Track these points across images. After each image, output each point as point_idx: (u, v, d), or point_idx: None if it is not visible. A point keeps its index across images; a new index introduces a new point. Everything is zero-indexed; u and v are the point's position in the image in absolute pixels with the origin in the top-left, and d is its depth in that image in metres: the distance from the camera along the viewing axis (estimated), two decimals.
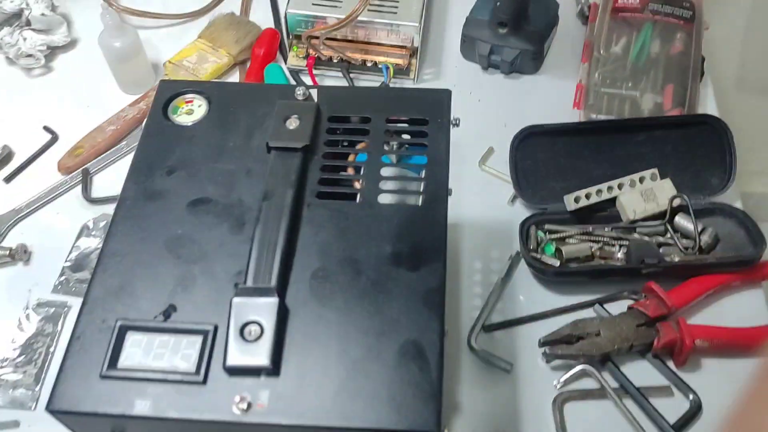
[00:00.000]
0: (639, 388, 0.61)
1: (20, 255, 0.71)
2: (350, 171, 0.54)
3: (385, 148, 0.55)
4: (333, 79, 0.84)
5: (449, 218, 0.65)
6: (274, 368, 0.43)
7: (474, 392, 0.62)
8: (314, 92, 0.58)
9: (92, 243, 0.72)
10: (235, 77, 0.85)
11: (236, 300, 0.46)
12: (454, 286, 0.69)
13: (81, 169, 0.77)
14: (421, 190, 0.52)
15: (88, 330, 0.46)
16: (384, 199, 0.52)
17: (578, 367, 0.62)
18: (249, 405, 0.42)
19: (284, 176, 0.52)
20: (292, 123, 0.55)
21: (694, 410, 0.60)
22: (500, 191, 0.75)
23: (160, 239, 0.50)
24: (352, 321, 0.46)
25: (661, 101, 0.76)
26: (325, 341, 0.45)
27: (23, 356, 0.65)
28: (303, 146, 0.53)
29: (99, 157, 0.78)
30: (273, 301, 0.45)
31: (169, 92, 0.59)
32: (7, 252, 0.70)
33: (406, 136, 0.56)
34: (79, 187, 0.76)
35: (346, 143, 0.56)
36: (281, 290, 0.47)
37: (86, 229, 0.73)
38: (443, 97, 0.58)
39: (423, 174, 0.53)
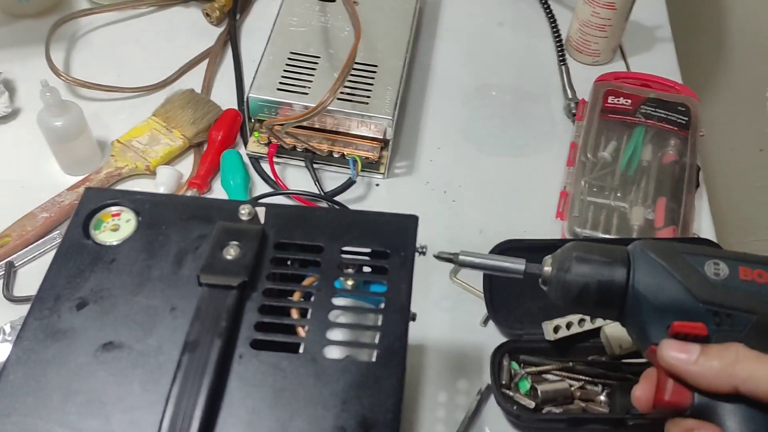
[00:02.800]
0: None
1: None
2: (294, 314, 0.46)
3: (337, 287, 0.47)
4: (296, 168, 0.77)
5: (412, 339, 0.57)
6: None
7: None
8: (261, 211, 0.51)
9: (7, 350, 0.63)
10: (188, 162, 0.78)
11: None
12: (412, 422, 0.61)
13: (5, 261, 0.69)
14: (376, 343, 0.45)
15: None
16: (331, 353, 0.45)
17: None
18: None
19: (213, 321, 0.44)
20: (231, 251, 0.47)
21: None
22: (471, 309, 0.67)
23: (57, 396, 0.42)
24: None
25: (652, 217, 0.69)
26: None
27: None
28: (239, 283, 0.46)
29: (27, 248, 0.70)
30: None
31: (94, 203, 0.51)
32: None
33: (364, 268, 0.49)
34: (0, 283, 0.68)
35: (292, 278, 0.49)
36: None
37: (2, 334, 0.64)
38: (408, 224, 0.50)
39: (379, 319, 0.46)
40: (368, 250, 0.49)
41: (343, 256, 0.49)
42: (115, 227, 0.50)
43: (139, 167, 0.75)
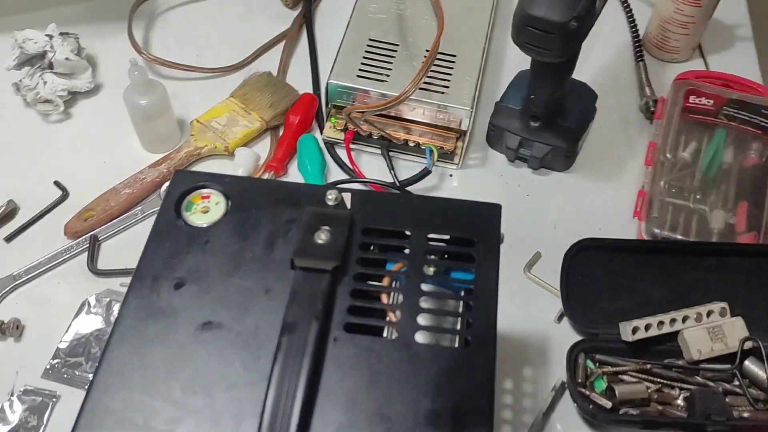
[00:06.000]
0: None
1: (12, 331, 0.64)
2: (384, 299, 0.47)
3: (425, 273, 0.48)
4: (370, 155, 0.78)
5: None
6: None
7: None
8: (347, 197, 0.51)
9: (92, 323, 0.66)
10: (265, 144, 0.79)
11: None
12: None
13: (89, 235, 0.71)
14: (467, 329, 0.45)
15: None
16: (422, 338, 0.45)
17: None
18: None
19: (309, 303, 0.45)
20: (322, 236, 0.48)
21: None
22: (546, 304, 0.67)
23: (161, 372, 0.43)
24: None
25: (733, 222, 0.68)
26: None
27: None
28: (332, 267, 0.46)
29: (110, 223, 0.72)
30: None
31: (184, 185, 0.52)
32: None
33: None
34: (84, 255, 0.70)
35: (380, 263, 0.49)
36: None
37: (87, 306, 0.66)
38: (493, 213, 0.51)
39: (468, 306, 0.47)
40: (452, 237, 0.49)
41: (429, 242, 0.49)
42: (206, 209, 0.51)
43: (218, 148, 0.76)
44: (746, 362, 0.60)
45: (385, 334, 0.46)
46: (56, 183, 0.75)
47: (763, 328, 0.62)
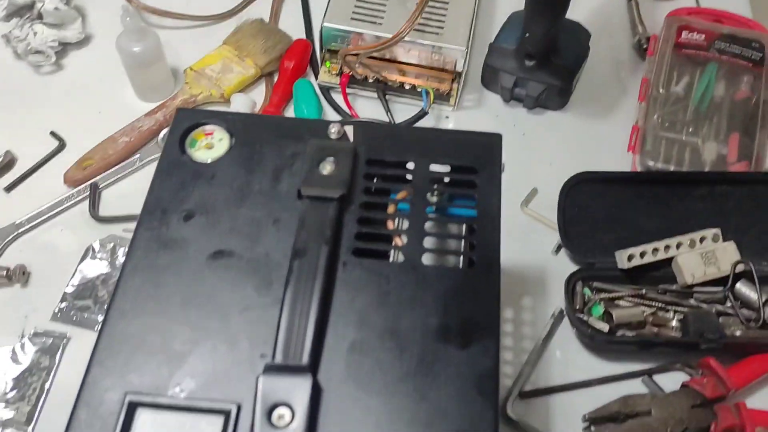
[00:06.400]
0: None
1: (18, 276, 0.65)
2: (389, 225, 0.48)
3: (429, 199, 0.49)
4: (366, 99, 0.78)
5: None
6: None
7: None
8: (349, 130, 0.52)
9: (97, 267, 0.66)
10: (260, 90, 0.79)
11: (263, 378, 0.40)
12: None
13: (89, 183, 0.71)
14: (471, 251, 0.46)
15: (93, 402, 0.40)
16: (429, 260, 0.46)
17: None
18: None
19: (318, 230, 0.46)
20: (327, 167, 0.49)
21: None
22: (543, 237, 0.69)
23: (176, 298, 0.44)
24: (394, 407, 0.40)
25: (725, 152, 0.70)
26: (363, 430, 0.39)
27: (16, 391, 0.59)
28: (339, 195, 0.47)
29: (109, 171, 0.72)
30: (305, 382, 0.40)
31: (187, 122, 0.52)
32: (4, 272, 0.64)
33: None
34: (85, 203, 0.70)
35: (384, 191, 0.50)
36: (314, 366, 0.41)
37: (91, 251, 0.67)
38: (493, 142, 0.52)
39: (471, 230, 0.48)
40: (455, 165, 0.50)
41: (433, 171, 0.50)
42: (210, 146, 0.52)
43: (214, 95, 0.76)
44: (738, 285, 0.63)
45: (391, 259, 0.47)
46: (52, 133, 0.75)
47: (753, 253, 0.64)
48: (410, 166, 0.50)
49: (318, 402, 0.40)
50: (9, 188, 0.71)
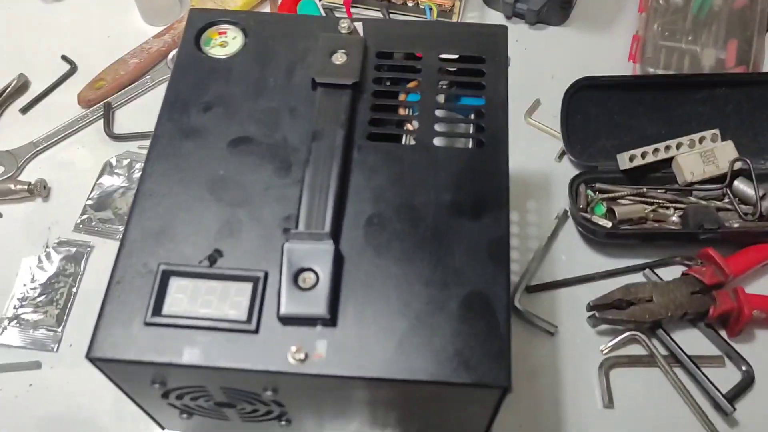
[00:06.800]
0: (690, 356, 0.58)
1: (39, 191, 0.67)
2: (401, 112, 0.50)
3: (439, 87, 0.51)
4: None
5: None
6: (332, 318, 0.40)
7: (515, 353, 0.59)
8: (359, 26, 0.53)
9: (115, 181, 0.68)
10: (265, 10, 0.80)
11: (288, 246, 0.42)
12: None
13: (102, 102, 0.73)
14: (481, 133, 0.48)
15: (128, 274, 0.42)
16: (440, 142, 0.49)
17: (627, 333, 0.59)
18: (306, 355, 0.39)
19: (333, 115, 0.48)
20: (339, 58, 0.50)
21: (747, 381, 0.57)
22: (546, 146, 0.71)
23: (201, 180, 0.46)
24: (412, 271, 0.42)
25: (723, 57, 0.71)
26: (384, 292, 0.42)
27: (44, 296, 0.62)
28: (352, 83, 0.49)
29: (121, 91, 0.74)
30: (328, 247, 0.42)
31: (201, 21, 0.54)
32: (26, 186, 0.66)
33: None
34: (100, 122, 0.72)
35: (395, 82, 0.52)
36: (335, 236, 0.43)
37: (109, 167, 0.69)
38: (499, 33, 0.53)
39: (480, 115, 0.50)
40: (463, 56, 0.52)
41: (442, 60, 0.52)
42: (224, 44, 0.53)
43: None
44: (736, 182, 0.65)
45: (403, 142, 0.49)
46: (64, 57, 0.76)
47: (751, 153, 0.66)
48: (419, 57, 0.52)
49: (341, 266, 0.42)
50: (24, 110, 0.73)
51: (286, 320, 0.40)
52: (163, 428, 0.53)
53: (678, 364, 0.58)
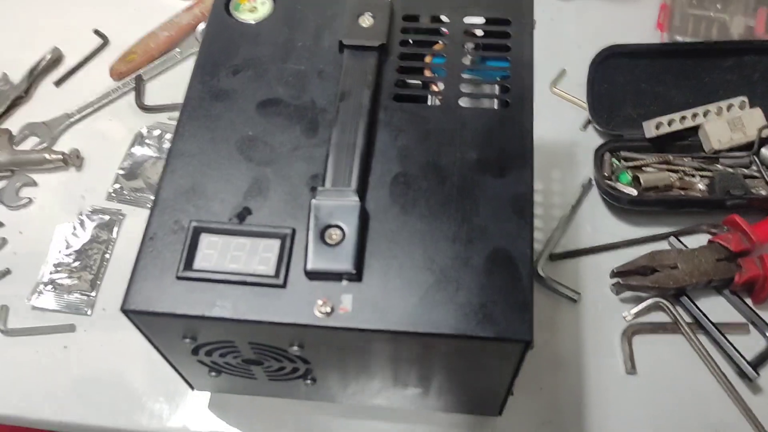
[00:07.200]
0: (714, 323, 0.58)
1: (73, 160, 0.69)
2: (427, 73, 0.51)
3: (465, 49, 0.51)
4: None
5: None
6: (357, 273, 0.41)
7: (538, 319, 0.60)
8: None
9: (146, 152, 0.70)
10: None
11: (315, 202, 0.43)
12: None
13: (134, 75, 0.74)
14: (507, 93, 0.49)
15: (160, 231, 0.44)
16: (466, 103, 0.49)
17: (651, 300, 0.59)
18: (332, 309, 0.40)
19: (360, 76, 0.49)
20: (366, 21, 0.51)
21: None
22: (571, 116, 0.71)
23: (231, 140, 0.47)
24: (437, 228, 0.43)
25: (752, 25, 0.70)
26: (408, 248, 0.42)
27: (78, 262, 0.64)
28: (379, 45, 0.50)
29: (152, 64, 0.75)
30: (354, 204, 0.43)
31: None
32: (60, 156, 0.68)
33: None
34: (131, 95, 0.74)
35: (421, 45, 0.53)
36: (362, 194, 0.44)
37: (140, 138, 0.71)
38: None
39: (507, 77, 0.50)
40: (488, 18, 0.52)
41: (467, 23, 0.52)
42: (253, 9, 0.54)
43: None
44: (763, 149, 0.64)
45: (429, 104, 0.49)
46: (96, 32, 0.78)
47: None
48: (445, 20, 0.52)
49: (366, 223, 0.43)
50: (58, 83, 0.75)
51: (313, 275, 0.41)
52: (192, 388, 0.55)
53: (702, 331, 0.58)
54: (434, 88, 0.50)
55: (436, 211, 0.44)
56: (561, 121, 0.71)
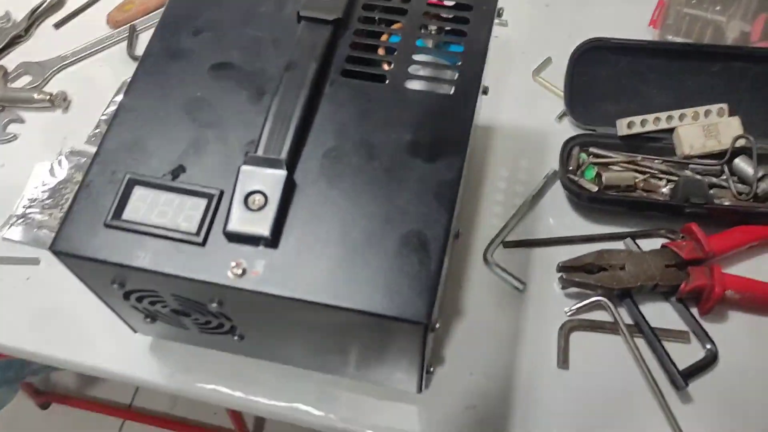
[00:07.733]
0: (654, 328, 0.58)
1: (59, 102, 0.71)
2: (381, 52, 0.51)
3: (422, 32, 0.51)
4: None
5: (483, 119, 0.61)
6: (273, 239, 0.43)
7: (480, 304, 0.61)
8: None
9: None
10: None
11: (244, 168, 0.44)
12: (475, 189, 0.66)
13: (128, 24, 0.76)
14: (454, 79, 0.49)
15: (97, 179, 0.46)
16: (412, 85, 0.49)
17: (594, 298, 0.59)
18: (244, 271, 0.42)
19: (310, 48, 0.49)
20: None
21: (709, 360, 0.57)
22: (549, 105, 0.70)
23: (179, 99, 0.49)
24: (359, 204, 0.44)
25: (748, 30, 0.68)
26: (328, 221, 0.44)
27: (51, 199, 0.67)
28: (334, 19, 0.50)
29: (147, 15, 0.77)
30: (281, 173, 0.44)
31: None
32: (48, 97, 0.71)
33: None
34: (124, 43, 0.76)
35: (380, 21, 0.53)
36: (291, 164, 0.45)
37: (125, 86, 0.73)
38: None
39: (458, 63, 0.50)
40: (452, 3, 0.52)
41: (429, 5, 0.52)
42: None
43: None
44: (736, 160, 0.63)
45: (384, 83, 0.50)
46: None
47: (760, 133, 0.63)
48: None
49: (291, 193, 0.44)
50: (58, 25, 0.77)
51: (231, 236, 0.43)
52: (135, 332, 0.58)
53: (640, 335, 0.58)
54: (385, 67, 0.50)
55: (361, 188, 0.45)
56: (538, 110, 0.70)
